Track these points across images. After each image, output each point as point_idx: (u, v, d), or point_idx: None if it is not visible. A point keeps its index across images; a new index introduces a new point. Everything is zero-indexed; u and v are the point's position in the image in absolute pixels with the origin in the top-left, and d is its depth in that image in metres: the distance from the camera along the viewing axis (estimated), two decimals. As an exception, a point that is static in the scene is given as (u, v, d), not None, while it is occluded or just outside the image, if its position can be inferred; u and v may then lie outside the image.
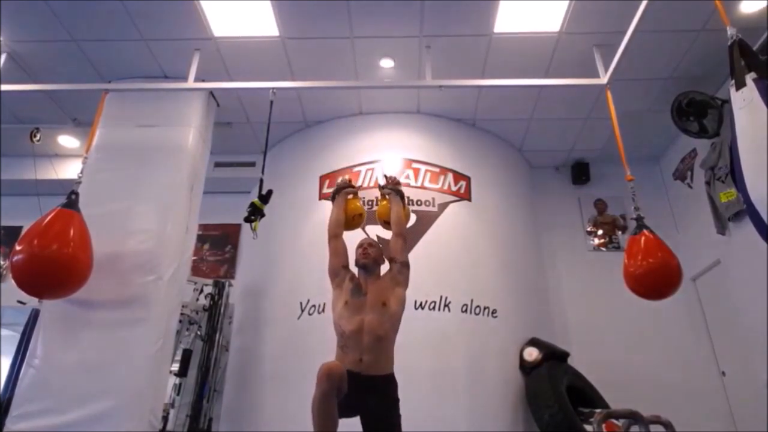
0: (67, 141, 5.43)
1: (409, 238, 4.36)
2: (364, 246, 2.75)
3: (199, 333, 4.53)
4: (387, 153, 4.78)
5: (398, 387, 2.51)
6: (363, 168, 4.71)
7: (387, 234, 2.97)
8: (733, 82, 2.45)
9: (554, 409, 3.76)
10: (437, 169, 4.76)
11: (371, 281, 2.65)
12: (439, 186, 4.69)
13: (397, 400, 2.49)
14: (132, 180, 3.93)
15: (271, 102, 3.68)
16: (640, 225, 3.30)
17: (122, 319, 3.46)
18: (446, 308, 4.14)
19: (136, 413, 3.28)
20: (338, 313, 2.57)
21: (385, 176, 3.17)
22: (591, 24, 3.96)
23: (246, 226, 3.44)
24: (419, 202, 4.56)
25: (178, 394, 4.27)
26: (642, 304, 3.43)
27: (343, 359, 2.44)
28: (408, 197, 4.51)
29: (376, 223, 3.22)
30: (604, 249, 5.44)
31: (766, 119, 2.25)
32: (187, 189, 4.05)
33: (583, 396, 4.05)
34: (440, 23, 3.99)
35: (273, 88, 3.73)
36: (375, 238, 3.30)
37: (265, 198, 3.12)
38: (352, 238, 2.86)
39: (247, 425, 4.15)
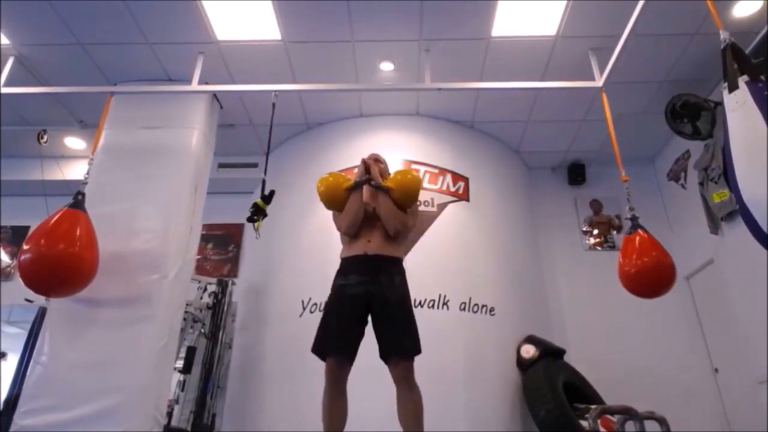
0: (74, 142, 5.50)
1: (409, 237, 4.48)
2: (369, 163, 2.70)
3: (202, 331, 4.56)
4: (387, 154, 4.81)
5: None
6: (363, 169, 4.77)
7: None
8: (725, 85, 2.46)
9: (551, 405, 3.81)
10: (436, 170, 4.82)
11: (379, 197, 2.59)
12: (438, 186, 4.75)
13: (407, 292, 2.40)
14: (137, 181, 3.97)
15: (273, 104, 3.74)
16: (635, 225, 3.34)
17: (127, 317, 3.49)
18: (445, 306, 4.20)
19: (142, 409, 3.31)
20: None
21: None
22: (587, 28, 4.03)
23: (249, 226, 3.50)
24: (418, 203, 4.62)
25: (182, 391, 4.31)
26: (637, 302, 3.49)
27: (350, 248, 2.48)
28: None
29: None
30: (599, 248, 5.51)
31: (758, 121, 2.27)
32: (191, 189, 4.09)
33: (578, 392, 4.11)
34: (439, 27, 4.04)
35: (275, 91, 3.79)
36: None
37: (267, 198, 3.17)
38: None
39: (250, 421, 4.21)
